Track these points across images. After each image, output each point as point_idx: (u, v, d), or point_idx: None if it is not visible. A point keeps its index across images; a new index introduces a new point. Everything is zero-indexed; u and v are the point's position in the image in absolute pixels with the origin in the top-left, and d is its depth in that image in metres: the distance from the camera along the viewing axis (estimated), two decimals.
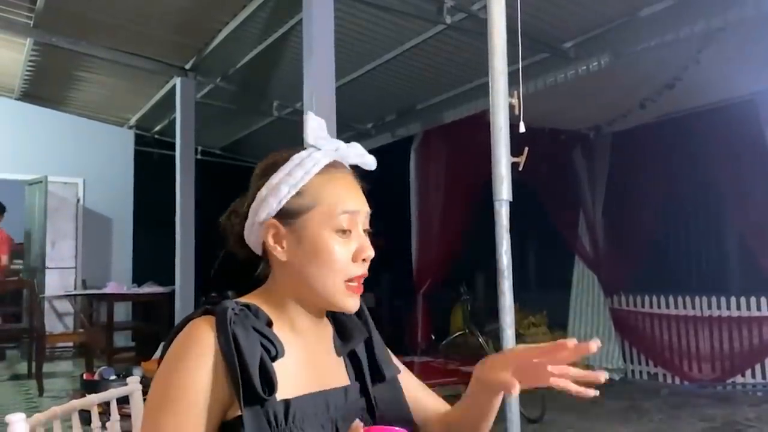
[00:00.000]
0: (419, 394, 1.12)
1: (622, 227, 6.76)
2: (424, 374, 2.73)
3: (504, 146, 1.66)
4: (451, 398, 1.17)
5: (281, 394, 0.88)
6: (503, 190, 1.66)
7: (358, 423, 0.74)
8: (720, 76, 5.10)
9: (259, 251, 0.99)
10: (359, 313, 1.07)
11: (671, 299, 6.43)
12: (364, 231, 0.99)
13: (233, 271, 1.05)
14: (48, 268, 7.76)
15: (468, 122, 5.63)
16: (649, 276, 6.87)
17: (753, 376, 5.82)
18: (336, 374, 1.01)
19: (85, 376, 4.98)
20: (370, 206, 1.01)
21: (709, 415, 5.01)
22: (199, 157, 7.34)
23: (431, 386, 1.17)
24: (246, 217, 0.99)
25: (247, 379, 0.84)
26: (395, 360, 1.14)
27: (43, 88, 7.45)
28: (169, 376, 0.86)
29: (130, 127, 8.61)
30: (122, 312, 7.85)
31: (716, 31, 4.37)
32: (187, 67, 6.09)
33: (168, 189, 6.14)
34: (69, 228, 8.22)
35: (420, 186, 6.68)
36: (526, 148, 1.68)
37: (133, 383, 1.44)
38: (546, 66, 4.97)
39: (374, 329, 1.09)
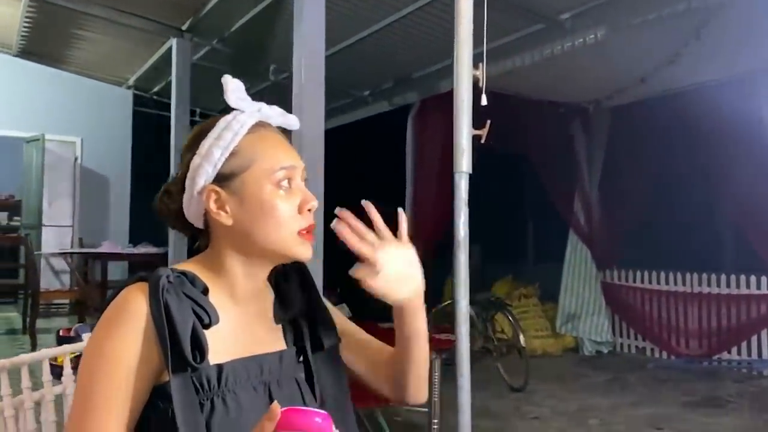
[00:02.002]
0: (364, 341, 1.15)
1: (617, 202, 6.76)
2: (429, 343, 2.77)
3: (466, 119, 1.66)
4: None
5: (215, 358, 0.91)
6: (463, 163, 1.66)
7: (275, 405, 0.76)
8: (721, 52, 5.05)
9: (200, 223, 1.00)
10: (304, 280, 1.09)
11: (662, 275, 6.47)
12: (302, 182, 1.01)
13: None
14: (45, 225, 7.81)
15: None
16: (642, 252, 6.89)
17: (739, 353, 5.87)
18: (272, 340, 1.03)
19: (61, 332, 5.09)
20: (370, 176, 1.02)
21: (692, 389, 5.08)
22: (197, 119, 7.32)
23: None
24: (181, 193, 0.99)
25: (176, 345, 0.86)
26: (345, 323, 1.16)
27: (41, 45, 7.40)
28: (101, 342, 0.88)
29: (129, 87, 8.58)
30: (119, 271, 7.91)
31: (717, 7, 4.31)
32: (184, 28, 6.03)
33: (166, 150, 6.16)
34: (66, 186, 8.25)
35: (416, 155, 6.67)
36: (488, 121, 1.68)
37: None
38: (541, 37, 4.91)
39: (319, 296, 1.11)
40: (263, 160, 0.96)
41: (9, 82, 7.92)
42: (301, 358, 1.06)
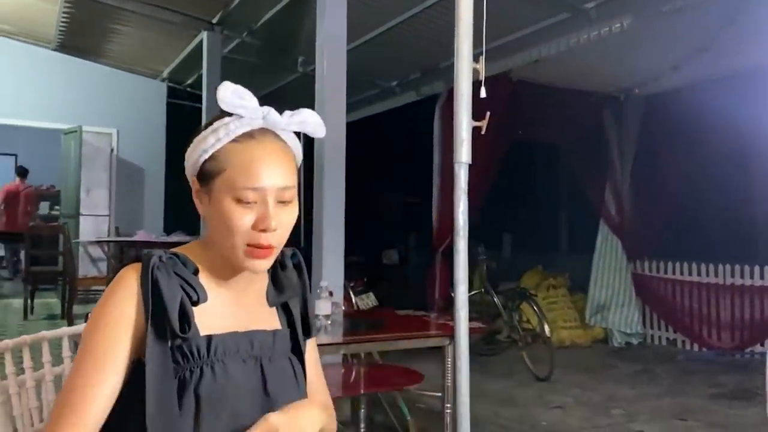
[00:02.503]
0: (312, 378, 1.17)
1: (649, 193, 6.67)
2: (441, 329, 2.82)
3: (466, 110, 1.68)
4: None
5: (206, 331, 0.98)
6: (463, 153, 1.68)
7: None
8: (757, 39, 4.93)
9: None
10: (299, 271, 1.15)
11: (695, 266, 6.37)
12: (280, 202, 1.00)
13: None
14: (82, 214, 8.05)
15: (492, 82, 5.57)
16: (674, 242, 6.80)
17: None
18: (267, 319, 1.09)
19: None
20: (397, 166, 1.04)
21: (721, 382, 5.01)
22: None
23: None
24: None
25: (161, 316, 0.94)
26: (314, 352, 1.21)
27: (78, 39, 7.61)
28: (95, 314, 0.97)
29: (163, 80, 8.76)
30: None
31: None
32: (214, 21, 6.14)
33: None
34: (103, 177, 8.47)
35: (443, 145, 6.67)
36: (488, 113, 1.69)
37: None
38: (567, 27, 4.87)
39: (308, 289, 1.17)
40: (233, 174, 0.97)
41: (48, 75, 8.16)
42: (292, 339, 1.12)
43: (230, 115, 1.01)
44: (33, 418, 1.25)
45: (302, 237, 8.02)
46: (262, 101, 1.05)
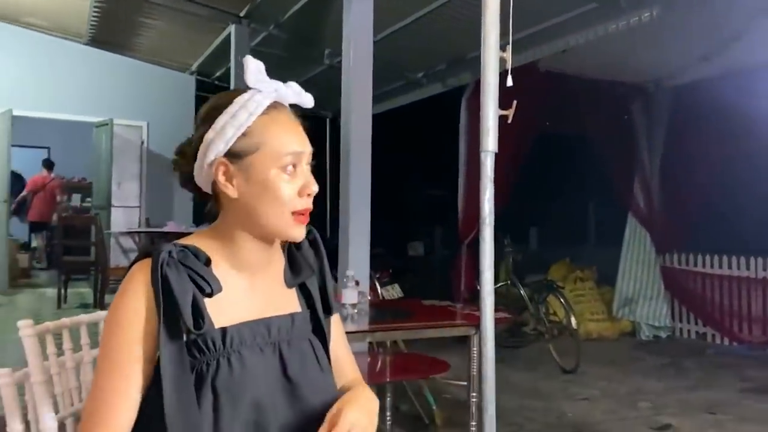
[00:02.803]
0: (338, 348, 1.18)
1: (678, 185, 6.58)
2: (466, 319, 2.83)
3: (492, 99, 1.69)
4: None
5: (221, 323, 0.99)
6: (489, 142, 1.69)
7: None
8: None
9: (208, 189, 1.06)
10: (315, 249, 1.15)
11: (725, 259, 6.28)
12: (307, 167, 1.06)
13: None
14: (114, 206, 8.22)
15: (519, 72, 5.54)
16: (704, 235, 6.70)
17: None
18: (284, 302, 1.09)
19: None
20: (424, 157, 1.05)
21: (751, 376, 4.94)
22: None
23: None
24: (194, 158, 1.05)
25: (173, 314, 0.94)
26: (339, 326, 1.22)
27: (109, 33, 7.74)
28: (111, 314, 0.98)
29: (192, 73, 8.86)
30: None
31: None
32: (242, 14, 6.19)
33: None
34: (134, 169, 8.62)
35: (470, 136, 6.65)
36: (515, 102, 1.69)
37: None
38: (596, 16, 4.81)
39: (327, 267, 1.17)
40: (272, 144, 1.01)
41: (80, 69, 8.31)
42: (313, 319, 1.12)
43: (235, 94, 1.04)
44: (73, 398, 1.30)
45: (329, 227, 8.09)
46: None
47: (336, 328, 1.19)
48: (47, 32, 8.13)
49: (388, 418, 3.29)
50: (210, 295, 0.98)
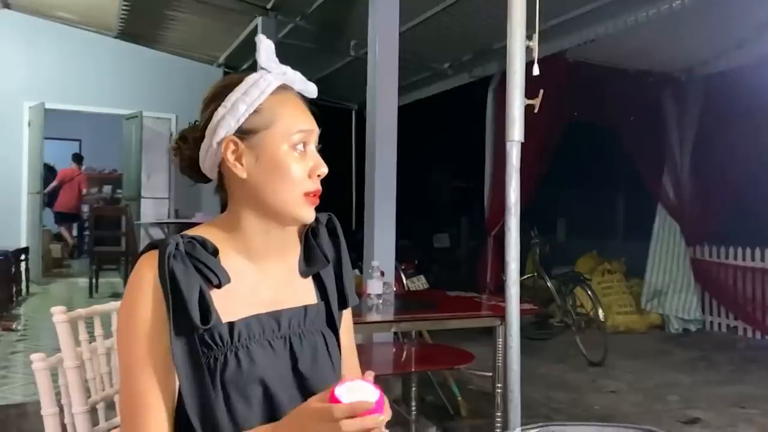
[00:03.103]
0: (345, 344, 1.16)
1: (709, 175, 6.46)
2: (492, 310, 2.83)
3: (519, 88, 1.67)
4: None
5: (229, 316, 0.98)
6: (515, 131, 1.67)
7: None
8: None
9: (214, 174, 1.05)
10: (334, 238, 1.13)
11: (758, 252, 6.16)
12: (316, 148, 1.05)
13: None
14: (143, 197, 8.34)
15: (546, 63, 5.48)
16: (736, 227, 6.59)
17: None
18: (298, 294, 1.07)
19: None
20: (450, 148, 1.03)
21: None
22: None
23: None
24: (199, 141, 1.03)
25: (180, 309, 0.92)
26: (349, 322, 1.19)
27: (138, 27, 7.83)
28: (124, 311, 0.97)
29: (219, 66, 8.93)
30: None
31: None
32: (269, 6, 6.21)
33: None
34: (163, 161, 8.72)
35: (496, 127, 6.61)
36: (541, 91, 1.67)
37: None
38: (625, 4, 4.73)
39: (346, 255, 1.15)
40: (283, 121, 1.01)
41: (110, 62, 8.43)
42: (327, 311, 1.10)
43: (244, 75, 1.03)
44: (104, 383, 1.33)
45: (354, 220, 8.12)
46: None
47: (345, 325, 1.16)
48: (78, 26, 8.26)
49: (413, 408, 3.30)
50: (218, 287, 0.97)
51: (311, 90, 1.09)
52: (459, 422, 3.58)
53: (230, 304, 0.98)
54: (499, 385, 2.62)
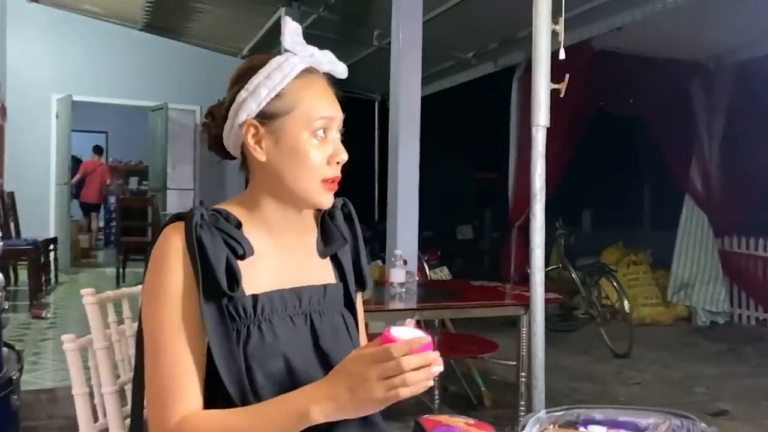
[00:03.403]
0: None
1: (739, 166, 6.34)
2: (516, 299, 2.82)
3: (544, 72, 1.65)
4: None
5: (252, 289, 0.98)
6: (541, 116, 1.65)
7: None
8: None
9: (237, 153, 1.05)
10: (350, 221, 1.14)
11: None
12: (338, 134, 1.04)
13: None
14: (169, 188, 8.44)
15: (572, 51, 5.41)
16: (766, 218, 6.45)
17: None
18: (318, 274, 1.08)
19: None
20: (474, 138, 1.01)
21: None
22: None
23: None
24: (224, 120, 1.03)
25: (209, 276, 0.92)
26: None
27: (163, 19, 7.90)
28: (151, 280, 0.96)
29: (243, 57, 8.95)
30: None
31: None
32: None
33: None
34: (188, 152, 8.83)
35: (522, 116, 6.55)
36: (567, 75, 1.65)
37: None
38: None
39: (361, 239, 1.16)
40: (305, 107, 1.00)
41: (135, 55, 8.53)
42: (344, 292, 1.11)
43: (270, 56, 1.03)
44: (132, 364, 1.35)
45: (377, 211, 8.13)
46: None
47: (358, 303, 1.16)
48: (104, 19, 8.36)
49: (436, 398, 3.30)
50: (242, 257, 0.97)
51: (341, 70, 1.08)
52: (482, 412, 3.57)
53: (253, 278, 0.98)
54: (523, 374, 2.61)
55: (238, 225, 0.99)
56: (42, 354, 4.22)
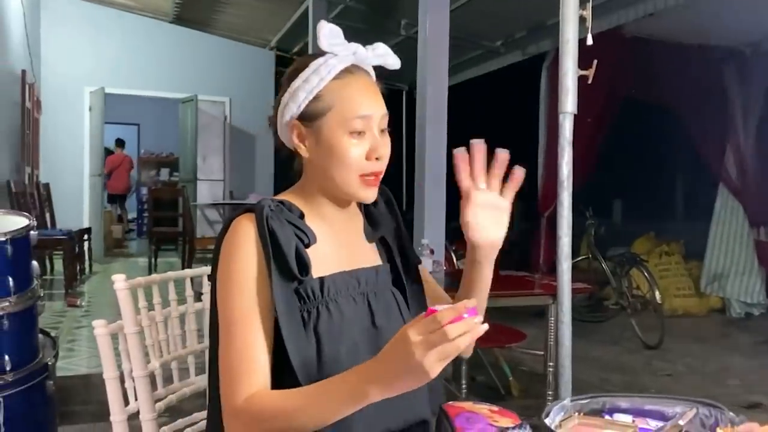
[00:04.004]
0: (434, 287, 1.24)
1: None
2: (544, 289, 2.80)
3: (572, 59, 1.62)
4: None
5: (317, 273, 1.04)
6: (568, 103, 1.63)
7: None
8: None
9: (291, 146, 1.11)
10: (390, 206, 1.20)
11: None
12: (381, 131, 1.07)
13: None
14: (199, 179, 8.55)
15: (602, 38, 5.32)
16: None
17: None
18: (367, 256, 1.14)
19: None
20: (502, 128, 1.03)
21: None
22: None
23: None
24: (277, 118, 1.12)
25: (281, 262, 0.99)
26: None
27: (192, 12, 7.98)
28: (226, 269, 1.02)
29: (271, 49, 9.03)
30: None
31: None
32: None
33: None
34: (217, 143, 8.92)
35: (550, 106, 6.48)
36: (595, 61, 1.62)
37: None
38: None
39: (401, 222, 1.21)
40: (341, 108, 1.04)
41: (166, 47, 8.64)
42: (392, 271, 1.16)
43: (312, 58, 1.06)
44: (162, 350, 1.38)
45: (404, 199, 8.12)
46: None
47: (427, 277, 1.24)
48: (135, 12, 8.47)
49: (463, 387, 3.30)
50: (308, 246, 1.03)
51: (392, 62, 1.10)
52: (510, 402, 3.56)
53: (316, 263, 1.04)
54: (551, 363, 2.59)
55: (301, 215, 1.06)
56: (77, 341, 4.32)
